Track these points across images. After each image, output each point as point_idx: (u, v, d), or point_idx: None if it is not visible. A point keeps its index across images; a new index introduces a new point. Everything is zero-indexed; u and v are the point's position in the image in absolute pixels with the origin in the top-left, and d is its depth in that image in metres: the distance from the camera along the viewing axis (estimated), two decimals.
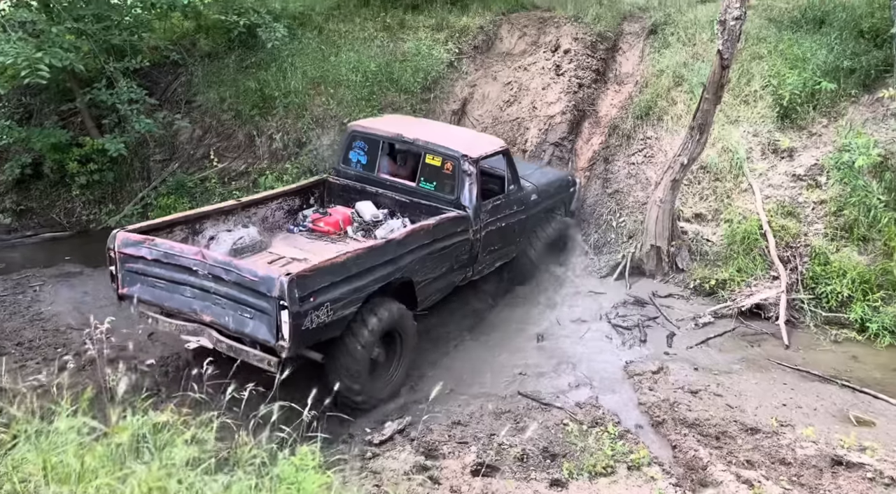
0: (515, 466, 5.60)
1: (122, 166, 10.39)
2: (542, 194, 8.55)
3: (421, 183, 7.67)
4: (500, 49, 11.94)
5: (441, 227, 7.08)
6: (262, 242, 7.17)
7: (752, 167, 9.14)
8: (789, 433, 6.05)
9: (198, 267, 5.93)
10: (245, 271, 5.74)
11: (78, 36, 9.35)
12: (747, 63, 9.98)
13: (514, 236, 8.18)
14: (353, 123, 8.27)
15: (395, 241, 6.53)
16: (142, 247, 6.19)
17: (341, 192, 8.02)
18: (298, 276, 5.58)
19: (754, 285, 8.23)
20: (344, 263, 5.99)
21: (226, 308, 5.91)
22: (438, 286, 7.28)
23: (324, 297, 5.79)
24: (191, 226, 6.87)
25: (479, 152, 7.53)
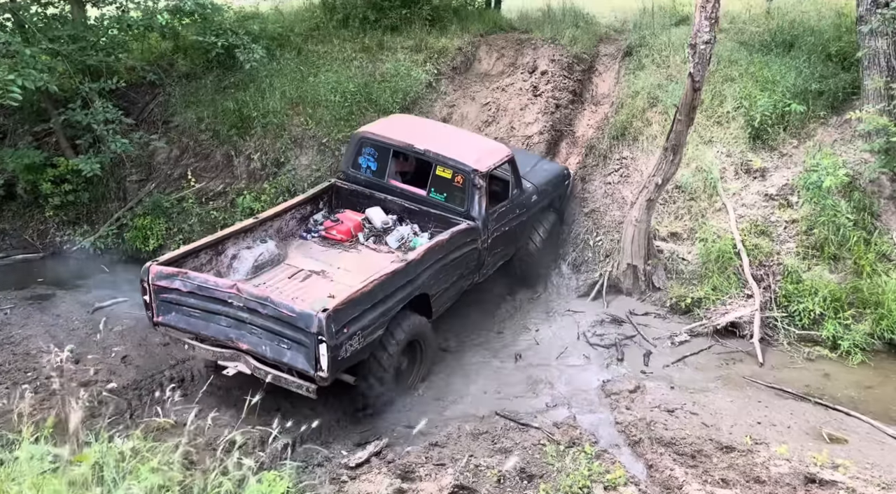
0: (493, 488, 5.57)
1: (97, 187, 10.27)
2: (542, 193, 8.89)
3: (431, 193, 7.93)
4: (479, 70, 12.05)
5: (454, 240, 7.39)
6: (279, 255, 7.50)
7: (726, 187, 9.28)
8: (763, 451, 6.09)
9: (233, 300, 6.20)
10: (282, 307, 6.02)
11: (53, 56, 9.29)
12: (719, 85, 10.17)
13: (516, 237, 8.56)
14: (363, 129, 8.44)
15: (415, 261, 6.82)
16: (175, 279, 6.44)
17: (350, 197, 8.26)
18: (334, 311, 5.89)
19: (729, 303, 8.32)
20: (371, 291, 6.28)
21: (262, 337, 6.19)
22: (450, 294, 7.61)
23: (355, 326, 6.14)
24: (214, 248, 7.12)
25: (487, 165, 7.79)
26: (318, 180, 9.85)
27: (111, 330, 7.79)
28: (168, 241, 9.89)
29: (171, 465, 2.84)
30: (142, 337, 7.62)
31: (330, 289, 6.98)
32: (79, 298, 8.65)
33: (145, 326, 7.33)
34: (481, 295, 8.63)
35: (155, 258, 6.83)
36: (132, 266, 9.54)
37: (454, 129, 9.86)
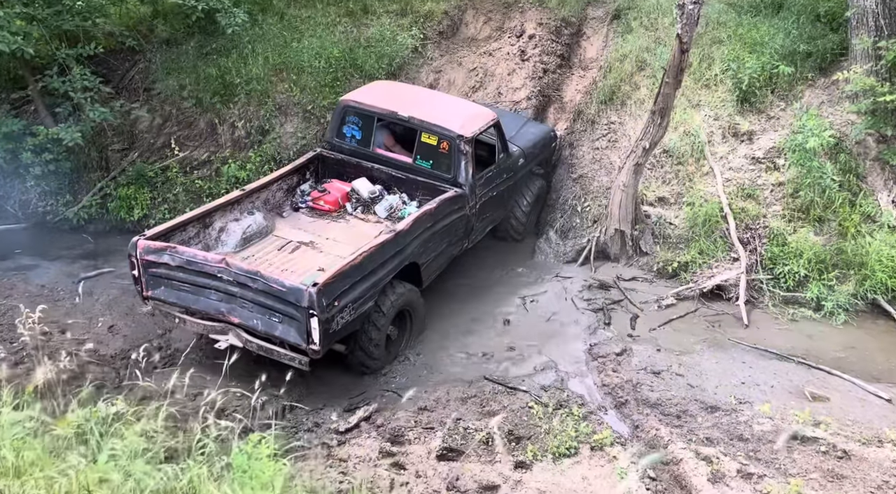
0: (480, 449, 5.64)
1: (79, 156, 10.09)
2: (529, 156, 8.83)
3: (417, 160, 7.85)
4: (466, 34, 11.86)
5: (442, 208, 7.34)
6: (267, 227, 7.43)
7: (713, 150, 9.26)
8: (747, 410, 6.20)
9: (222, 274, 6.16)
10: (272, 282, 6.00)
11: (28, 21, 9.04)
12: (708, 47, 10.07)
13: (504, 201, 8.54)
14: (346, 97, 8.32)
15: (403, 232, 6.77)
16: (164, 254, 6.37)
17: (336, 166, 8.17)
18: (324, 285, 5.87)
19: (715, 267, 8.37)
20: (361, 264, 6.28)
21: (253, 311, 6.17)
22: (440, 262, 7.62)
23: (346, 299, 6.15)
24: (201, 221, 7.03)
25: (473, 130, 7.71)
26: (304, 148, 9.73)
27: (97, 301, 7.74)
28: (153, 211, 9.80)
29: (156, 428, 2.85)
30: (128, 306, 7.57)
31: (319, 261, 6.98)
32: (63, 269, 8.58)
33: (131, 296, 7.29)
34: (469, 260, 8.64)
35: (142, 232, 6.75)
36: (117, 236, 9.47)
37: (439, 94, 9.75)
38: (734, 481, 5.26)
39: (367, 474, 5.11)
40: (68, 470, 2.26)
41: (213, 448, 2.90)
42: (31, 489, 2.20)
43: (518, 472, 5.43)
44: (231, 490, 2.46)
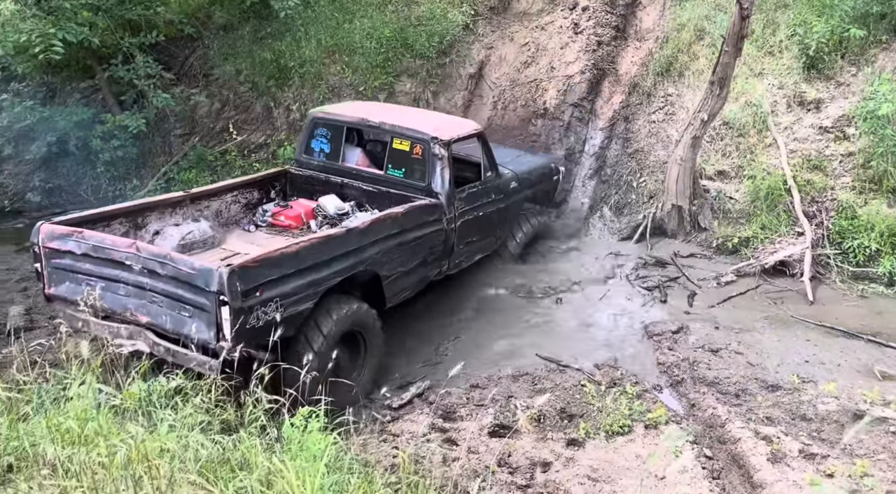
0: (533, 426, 5.65)
1: (144, 142, 10.52)
2: (523, 182, 7.98)
3: (389, 170, 7.08)
4: (517, 9, 11.68)
5: (411, 216, 6.51)
6: (214, 237, 6.59)
7: (777, 121, 8.88)
8: (811, 389, 5.99)
9: (131, 262, 5.26)
10: (181, 263, 5.12)
11: (94, 12, 9.41)
12: (772, 12, 9.62)
13: (493, 227, 7.62)
14: (315, 110, 7.74)
15: (357, 230, 5.95)
16: (69, 240, 5.48)
17: (304, 184, 7.41)
18: (241, 268, 4.95)
19: (778, 242, 8.07)
20: (297, 253, 5.37)
21: (163, 306, 5.23)
22: (409, 281, 6.66)
23: (273, 292, 5.13)
24: (132, 220, 6.25)
25: (450, 134, 6.96)
26: None
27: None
28: None
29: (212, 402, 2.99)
30: None
31: None
32: None
33: None
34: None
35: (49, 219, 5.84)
36: None
37: (419, 109, 9.27)
38: (795, 461, 5.11)
39: (420, 449, 5.19)
40: (129, 439, 2.40)
41: (264, 421, 3.02)
42: (95, 456, 2.35)
43: (570, 449, 5.41)
44: (281, 462, 2.56)
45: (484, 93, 10.83)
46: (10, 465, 2.41)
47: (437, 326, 7.23)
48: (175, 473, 2.28)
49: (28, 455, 2.38)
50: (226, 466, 2.56)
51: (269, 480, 2.47)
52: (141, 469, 2.23)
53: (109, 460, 2.30)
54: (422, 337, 7.05)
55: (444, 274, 7.22)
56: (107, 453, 2.31)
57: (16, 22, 8.54)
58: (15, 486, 2.25)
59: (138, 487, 2.21)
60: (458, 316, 7.46)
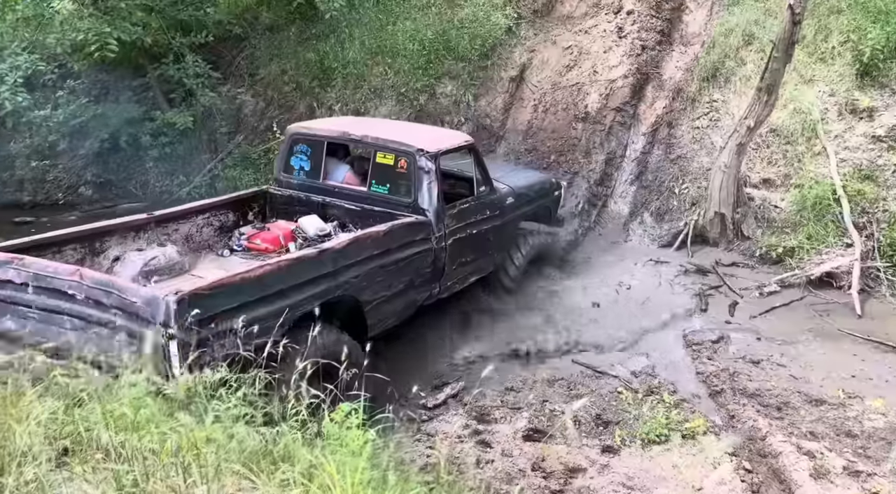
0: (574, 429, 5.62)
1: (190, 139, 10.79)
2: (520, 198, 7.49)
3: (372, 186, 6.56)
4: (561, 12, 11.63)
5: (395, 235, 5.95)
6: (182, 263, 5.96)
7: (827, 129, 8.66)
8: (857, 405, 5.83)
9: (75, 291, 4.56)
10: (126, 291, 4.44)
11: (147, 12, 9.70)
12: (824, 18, 9.38)
13: (488, 246, 7.10)
14: (294, 125, 7.30)
15: (332, 251, 5.34)
16: (8, 268, 4.80)
17: (284, 205, 6.89)
18: (192, 295, 4.26)
19: (825, 253, 7.87)
20: (260, 278, 4.71)
21: (111, 342, 4.37)
22: (395, 307, 6.06)
23: (229, 324, 4.38)
24: (88, 245, 5.60)
25: (437, 146, 6.47)
26: None
27: None
28: None
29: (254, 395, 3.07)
30: None
31: None
32: None
33: None
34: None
35: None
36: None
37: (405, 123, 8.88)
38: (839, 478, 4.98)
39: (454, 450, 5.21)
40: (179, 428, 2.48)
41: (305, 415, 3.08)
42: (147, 442, 2.45)
43: (605, 456, 5.36)
44: (323, 456, 2.61)
45: (525, 96, 10.81)
46: (66, 448, 2.53)
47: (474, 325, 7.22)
48: (221, 463, 2.36)
49: (83, 440, 2.49)
50: (268, 458, 2.64)
51: (310, 473, 2.53)
52: (189, 457, 2.32)
53: (161, 446, 2.39)
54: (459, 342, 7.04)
55: (434, 297, 6.63)
56: (158, 440, 2.41)
57: (73, 21, 8.84)
58: (70, 469, 2.37)
59: (187, 474, 2.30)
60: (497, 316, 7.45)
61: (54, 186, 10.95)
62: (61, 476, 2.38)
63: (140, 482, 2.29)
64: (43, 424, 2.53)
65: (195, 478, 2.30)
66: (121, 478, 2.31)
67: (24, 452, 2.40)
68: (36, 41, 9.52)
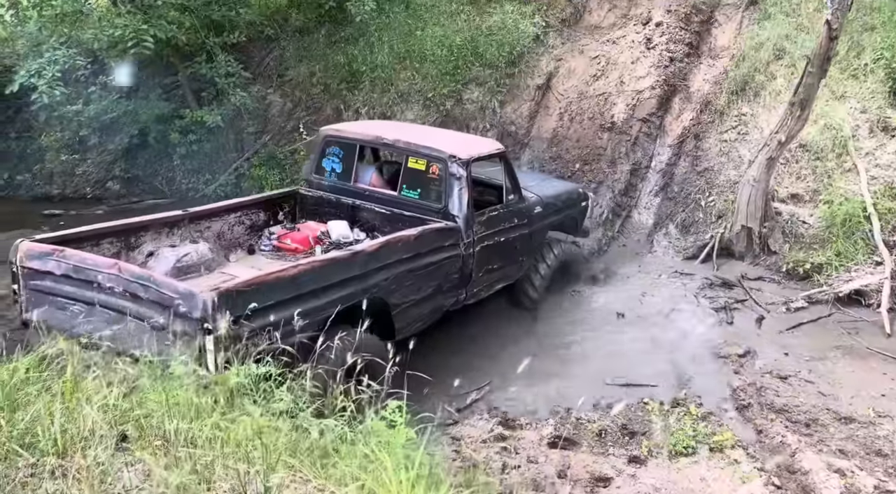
0: (593, 441, 5.60)
1: (217, 137, 10.88)
2: (548, 207, 7.49)
3: (403, 191, 6.62)
4: (589, 22, 11.66)
5: (425, 240, 6.02)
6: (214, 260, 6.13)
7: (858, 146, 8.61)
8: (888, 424, 5.77)
9: (113, 284, 4.73)
10: (164, 287, 4.58)
11: (181, 11, 9.81)
12: (857, 34, 9.35)
13: (515, 254, 7.11)
14: (327, 128, 7.40)
15: (364, 254, 5.47)
16: (49, 259, 4.97)
17: (314, 206, 6.99)
18: (229, 293, 4.41)
19: (854, 270, 7.81)
20: (295, 278, 4.85)
21: (145, 333, 4.54)
22: (422, 311, 6.12)
23: (265, 320, 4.50)
24: (124, 240, 5.76)
25: (469, 153, 6.51)
26: None
27: None
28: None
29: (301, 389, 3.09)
30: None
31: None
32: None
33: None
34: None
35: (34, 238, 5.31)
36: None
37: (437, 129, 8.90)
38: None
39: (480, 455, 5.20)
40: (242, 417, 2.50)
41: (353, 411, 3.09)
42: (208, 430, 2.46)
43: (632, 467, 5.34)
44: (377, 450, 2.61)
45: (551, 104, 10.83)
46: (125, 435, 2.55)
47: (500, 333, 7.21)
48: (280, 454, 2.37)
49: (143, 426, 2.51)
50: (317, 451, 2.65)
51: (365, 467, 2.54)
52: (251, 446, 2.33)
53: (226, 435, 2.40)
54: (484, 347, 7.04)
55: (461, 303, 6.69)
56: (221, 428, 2.42)
57: (111, 17, 8.96)
58: (132, 454, 2.39)
59: (250, 464, 2.30)
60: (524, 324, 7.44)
61: (83, 180, 11.08)
62: (123, 459, 2.40)
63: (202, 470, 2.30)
64: (104, 409, 2.56)
65: (258, 467, 2.30)
66: (182, 464, 2.32)
67: (85, 437, 2.42)
68: (72, 36, 9.65)
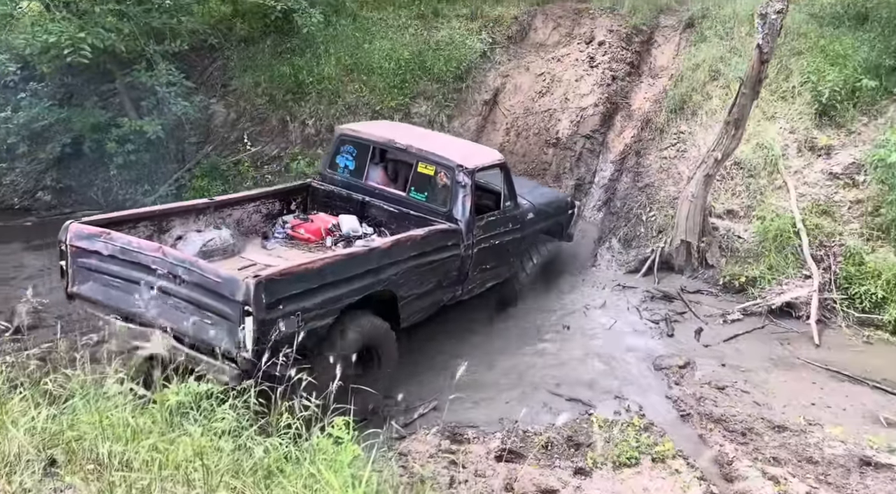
0: (540, 453, 5.64)
1: (157, 147, 10.55)
2: (540, 214, 8.08)
3: (411, 192, 7.17)
4: (534, 40, 11.90)
5: (430, 239, 6.60)
6: (234, 246, 6.67)
7: (788, 164, 9.02)
8: (817, 432, 6.00)
9: (157, 266, 5.35)
10: (208, 271, 5.17)
11: (119, 18, 9.51)
12: (786, 58, 9.82)
13: (507, 256, 7.70)
14: (343, 126, 7.90)
15: (379, 250, 6.04)
16: (97, 240, 5.63)
17: (325, 199, 7.52)
18: (267, 280, 5.01)
19: (785, 283, 8.14)
20: (320, 270, 5.44)
21: (185, 312, 5.27)
22: (424, 303, 6.74)
23: (294, 305, 5.18)
24: (157, 224, 6.41)
25: (475, 163, 7.07)
26: None
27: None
28: None
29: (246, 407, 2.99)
30: None
31: None
32: None
33: None
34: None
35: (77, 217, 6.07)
36: None
37: (444, 135, 9.35)
38: None
39: (428, 469, 5.16)
40: (181, 437, 2.40)
41: (298, 428, 3.01)
42: (145, 452, 2.35)
43: (577, 478, 5.39)
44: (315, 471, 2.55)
45: (497, 119, 10.98)
46: (54, 459, 2.40)
47: (445, 347, 7.21)
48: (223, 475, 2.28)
49: (74, 449, 2.37)
50: (261, 471, 2.57)
51: (311, 487, 2.47)
52: (192, 468, 2.24)
53: (165, 457, 2.30)
54: (430, 362, 7.03)
55: (456, 299, 7.26)
56: (160, 449, 2.31)
57: (45, 23, 8.61)
58: (61, 479, 2.25)
59: (190, 487, 2.21)
60: (467, 337, 7.46)
61: (10, 190, 10.58)
62: (52, 485, 2.26)
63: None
64: (32, 431, 2.41)
65: (198, 491, 2.21)
66: (116, 489, 2.21)
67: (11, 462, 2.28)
68: (2, 41, 9.23)
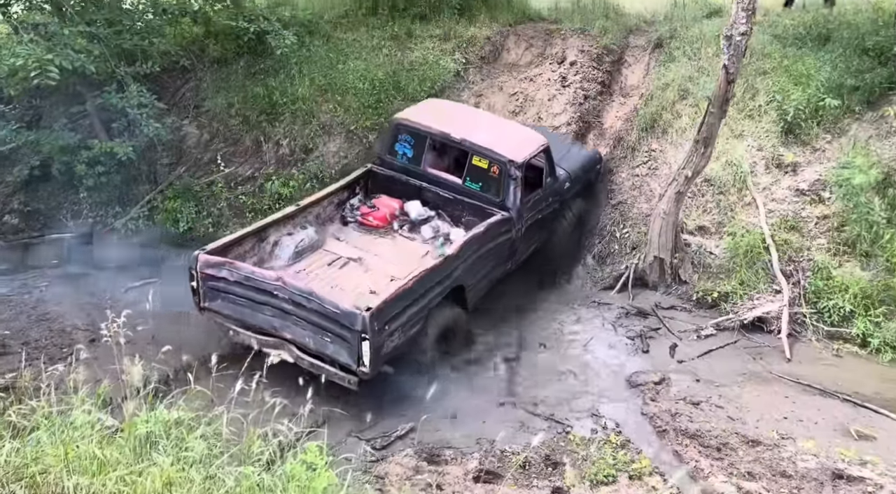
0: (517, 473, 5.63)
1: (129, 169, 10.38)
2: (575, 180, 9.01)
3: (467, 182, 7.98)
4: (507, 60, 12.02)
5: (490, 232, 7.49)
6: (318, 240, 7.66)
7: (756, 181, 9.19)
8: (790, 446, 6.08)
9: (278, 292, 6.38)
10: (327, 303, 6.18)
11: (90, 40, 9.40)
12: (752, 78, 10.05)
13: (548, 223, 8.65)
14: (399, 115, 8.51)
15: (453, 256, 6.94)
16: (222, 269, 6.66)
17: (386, 183, 8.32)
18: (377, 310, 6.05)
19: (757, 298, 8.26)
20: (412, 288, 6.42)
21: (306, 329, 6.37)
22: (484, 285, 7.70)
23: (396, 323, 6.32)
24: (257, 236, 7.32)
25: (524, 155, 7.85)
26: (346, 167, 9.91)
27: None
28: (197, 224, 10.03)
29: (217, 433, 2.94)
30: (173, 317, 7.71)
31: (366, 278, 7.14)
32: (111, 278, 8.81)
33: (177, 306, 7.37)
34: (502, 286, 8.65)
35: (203, 246, 6.99)
36: (163, 247, 9.72)
37: (491, 116, 9.84)
38: None
39: (405, 492, 5.12)
40: (150, 468, 2.34)
41: (270, 454, 2.96)
42: (113, 485, 2.28)
43: None
44: None
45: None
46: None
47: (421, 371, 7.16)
48: None
49: (38, 483, 2.30)
50: None
51: None
52: None
53: (133, 489, 2.24)
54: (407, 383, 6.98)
55: (507, 273, 8.16)
56: (127, 482, 2.26)
57: (11, 45, 8.48)
58: None
59: None
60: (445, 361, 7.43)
61: None
62: None
63: None
64: None
65: None
66: None
67: None
68: None
